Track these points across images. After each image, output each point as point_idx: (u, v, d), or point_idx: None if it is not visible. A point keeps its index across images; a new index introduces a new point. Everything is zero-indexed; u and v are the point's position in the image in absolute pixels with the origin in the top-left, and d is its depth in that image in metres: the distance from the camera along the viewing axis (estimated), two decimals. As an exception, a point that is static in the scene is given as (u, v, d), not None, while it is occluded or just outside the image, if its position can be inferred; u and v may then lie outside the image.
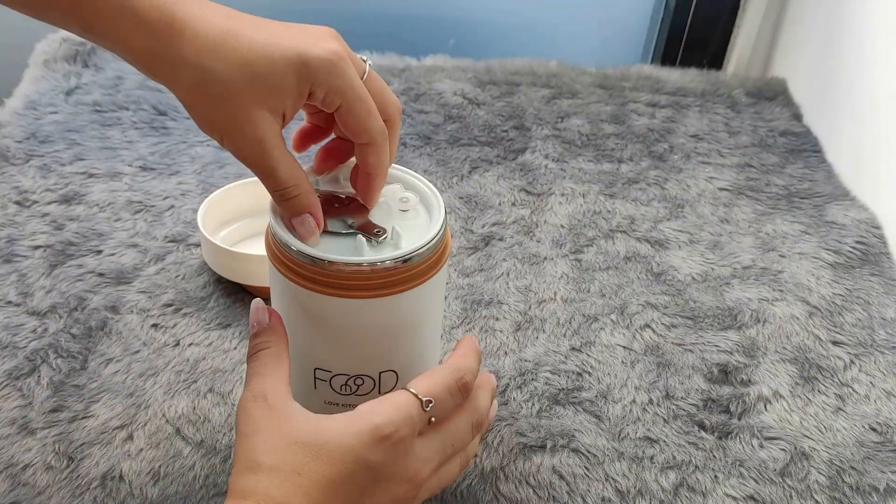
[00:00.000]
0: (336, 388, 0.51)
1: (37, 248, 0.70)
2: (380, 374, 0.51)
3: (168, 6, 0.40)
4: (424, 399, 0.43)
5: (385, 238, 0.46)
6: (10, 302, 0.64)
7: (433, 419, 0.44)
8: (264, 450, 0.40)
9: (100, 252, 0.70)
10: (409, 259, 0.45)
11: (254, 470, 0.40)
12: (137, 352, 0.61)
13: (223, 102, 0.41)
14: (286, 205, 0.45)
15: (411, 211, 0.49)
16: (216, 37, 0.41)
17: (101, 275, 0.67)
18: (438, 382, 0.45)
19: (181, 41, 0.40)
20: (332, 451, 0.40)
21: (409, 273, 0.45)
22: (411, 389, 0.44)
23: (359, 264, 0.44)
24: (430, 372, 0.46)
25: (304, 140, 0.50)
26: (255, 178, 0.45)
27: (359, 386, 0.51)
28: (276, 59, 0.41)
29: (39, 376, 0.58)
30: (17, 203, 0.75)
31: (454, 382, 0.45)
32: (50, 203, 0.75)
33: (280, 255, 0.48)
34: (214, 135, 0.43)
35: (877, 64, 0.84)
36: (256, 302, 0.48)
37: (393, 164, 0.50)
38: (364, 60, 0.45)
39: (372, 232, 0.47)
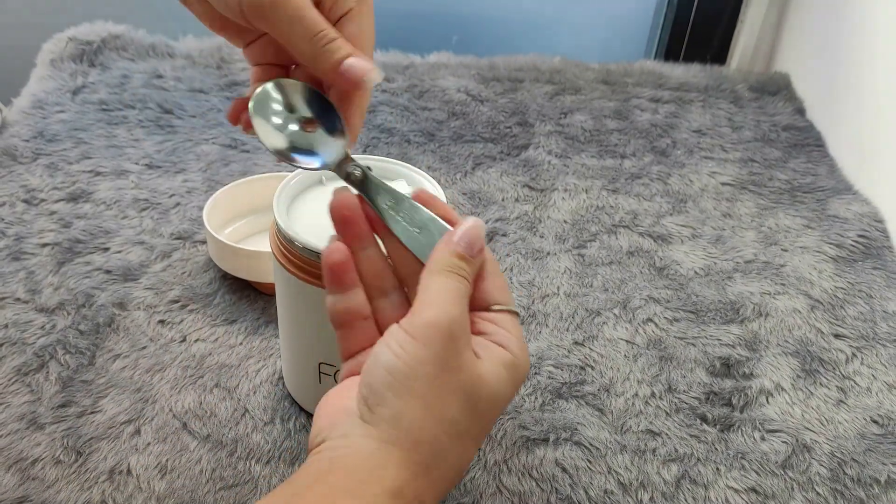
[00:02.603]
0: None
1: (44, 245, 0.70)
2: (384, 368, 0.51)
3: None
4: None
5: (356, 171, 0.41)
6: (18, 299, 0.65)
7: None
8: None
9: (107, 249, 0.71)
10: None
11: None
12: (144, 347, 0.62)
13: None
14: (328, 49, 0.40)
15: None
16: None
17: (108, 272, 0.68)
18: (506, 290, 0.41)
19: None
20: (496, 404, 0.38)
21: None
22: (515, 310, 0.40)
23: None
24: (496, 279, 0.40)
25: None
26: (260, 176, 0.44)
27: (363, 380, 0.51)
28: None
29: (48, 372, 0.59)
30: (25, 201, 0.75)
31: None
32: (57, 201, 0.76)
33: (285, 252, 0.48)
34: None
35: (880, 58, 0.84)
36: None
37: (396, 161, 0.50)
38: None
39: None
